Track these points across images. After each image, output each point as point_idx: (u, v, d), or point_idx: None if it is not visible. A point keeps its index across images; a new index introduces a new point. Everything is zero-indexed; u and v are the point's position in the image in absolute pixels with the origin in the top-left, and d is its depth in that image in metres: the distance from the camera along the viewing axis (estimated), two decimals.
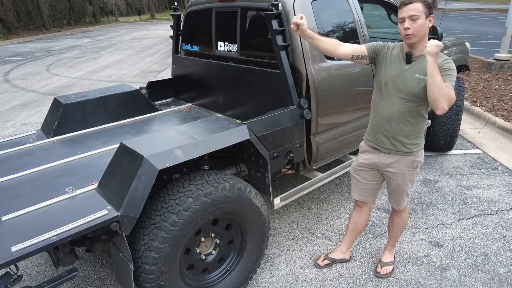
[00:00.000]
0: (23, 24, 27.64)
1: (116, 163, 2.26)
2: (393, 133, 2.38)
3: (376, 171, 2.59)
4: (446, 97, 2.05)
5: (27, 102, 8.09)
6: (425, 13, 2.15)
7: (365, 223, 2.88)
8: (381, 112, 2.40)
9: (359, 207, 2.81)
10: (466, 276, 2.81)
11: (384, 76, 2.36)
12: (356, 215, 2.84)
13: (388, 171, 2.51)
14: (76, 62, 13.21)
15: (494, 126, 5.54)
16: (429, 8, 2.18)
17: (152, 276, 2.13)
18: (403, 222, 2.77)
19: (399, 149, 2.40)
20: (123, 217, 2.00)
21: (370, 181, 2.65)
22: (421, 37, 2.20)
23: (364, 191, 2.70)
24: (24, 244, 1.77)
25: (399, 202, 2.65)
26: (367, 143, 2.57)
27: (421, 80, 2.21)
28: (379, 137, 2.45)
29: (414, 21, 2.15)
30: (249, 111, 3.28)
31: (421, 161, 2.48)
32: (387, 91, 2.35)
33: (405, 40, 2.25)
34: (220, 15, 3.54)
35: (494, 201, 3.74)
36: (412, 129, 2.35)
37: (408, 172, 2.47)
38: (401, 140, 2.38)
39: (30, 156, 2.94)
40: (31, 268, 3.05)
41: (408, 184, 2.53)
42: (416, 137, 2.39)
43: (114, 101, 3.69)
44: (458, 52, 4.47)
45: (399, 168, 2.46)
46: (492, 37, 14.13)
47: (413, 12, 2.14)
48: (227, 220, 2.53)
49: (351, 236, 2.93)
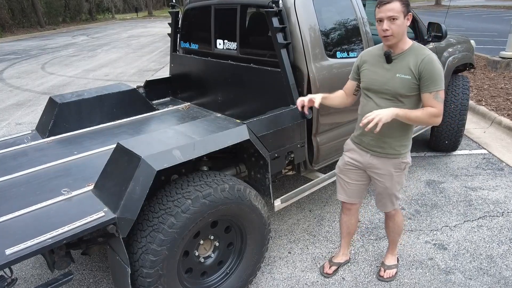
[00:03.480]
0: (17, 22, 27.58)
1: (113, 164, 2.23)
2: (381, 135, 2.33)
3: (363, 171, 2.54)
4: (430, 118, 2.16)
5: (21, 102, 8.05)
6: (403, 12, 2.10)
7: (356, 223, 2.86)
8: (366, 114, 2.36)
9: (348, 209, 2.76)
10: (471, 279, 2.76)
11: (368, 79, 2.33)
12: (346, 219, 2.81)
13: (374, 172, 2.46)
14: (72, 61, 13.17)
15: (500, 126, 5.47)
16: (407, 6, 2.13)
17: (150, 279, 2.11)
18: (398, 225, 2.72)
19: (387, 151, 2.36)
20: (120, 219, 1.97)
21: (357, 181, 2.59)
22: (400, 37, 2.17)
23: (351, 192, 2.65)
24: (19, 247, 1.75)
25: (386, 205, 2.58)
26: (354, 142, 2.53)
27: (403, 79, 2.18)
28: (367, 139, 2.41)
29: (393, 22, 2.10)
30: (249, 110, 3.25)
31: (408, 163, 2.43)
32: (372, 93, 2.32)
33: (384, 42, 2.21)
34: (219, 12, 3.50)
35: (500, 203, 3.70)
36: (399, 130, 2.31)
37: (396, 174, 2.42)
38: (389, 142, 2.34)
39: (25, 156, 2.91)
40: (26, 272, 3.01)
41: (397, 187, 2.48)
42: (404, 138, 2.36)
43: (111, 101, 3.67)
44: (463, 50, 4.44)
45: (386, 170, 2.41)
46: (497, 35, 14.03)
47: (392, 12, 2.08)
48: (226, 222, 2.50)
49: (348, 238, 2.91)
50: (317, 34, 2.92)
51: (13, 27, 26.18)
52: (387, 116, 2.08)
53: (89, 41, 19.46)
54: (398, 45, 2.20)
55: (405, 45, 2.22)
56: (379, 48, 2.35)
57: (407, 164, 2.42)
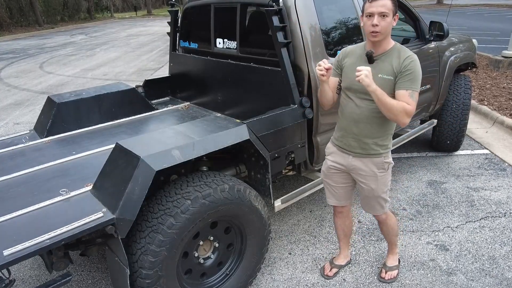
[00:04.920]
0: (15, 21, 27.45)
1: (112, 164, 2.22)
2: (362, 135, 2.32)
3: (347, 174, 2.52)
4: (401, 113, 2.10)
5: (19, 101, 8.02)
6: (393, 11, 2.11)
7: (351, 224, 2.85)
8: (348, 115, 2.35)
9: (340, 213, 2.75)
10: (473, 280, 2.74)
11: (347, 79, 2.31)
12: (340, 222, 2.79)
13: (359, 174, 2.44)
14: (70, 60, 13.13)
15: (502, 126, 5.44)
16: (396, 6, 2.14)
17: (149, 280, 2.10)
18: (392, 228, 2.70)
19: (368, 152, 2.35)
20: (118, 220, 1.96)
21: (343, 184, 2.57)
22: (386, 35, 2.16)
23: (339, 195, 2.63)
24: (17, 247, 1.74)
25: (375, 208, 2.55)
26: (335, 145, 2.50)
27: (385, 80, 2.17)
28: (348, 141, 2.39)
29: (383, 19, 2.09)
30: (249, 110, 3.23)
31: (391, 163, 2.42)
32: (352, 93, 2.30)
33: (371, 38, 2.18)
34: (219, 11, 3.48)
35: (502, 203, 3.67)
36: (380, 130, 2.30)
37: (380, 174, 2.40)
38: (369, 142, 2.32)
39: (23, 157, 2.90)
40: (24, 273, 2.99)
41: (383, 188, 2.45)
42: (385, 138, 2.34)
43: (110, 100, 3.66)
44: (465, 49, 4.42)
45: (370, 170, 2.39)
46: (500, 34, 13.96)
47: (383, 9, 2.07)
48: (226, 223, 2.49)
49: (346, 240, 2.89)
50: (318, 33, 2.90)
51: (11, 26, 26.08)
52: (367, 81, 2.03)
53: (87, 40, 19.42)
54: (381, 44, 2.19)
55: (388, 45, 2.21)
56: (361, 47, 2.33)
57: (390, 164, 2.41)
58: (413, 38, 3.93)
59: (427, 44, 3.86)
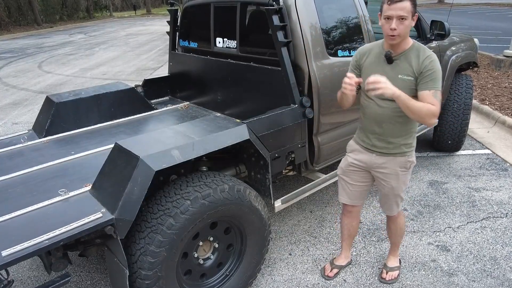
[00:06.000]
0: (14, 20, 27.33)
1: (111, 164, 2.21)
2: (385, 135, 2.31)
3: (366, 173, 2.50)
4: (427, 115, 2.06)
5: (18, 101, 7.99)
6: (412, 12, 2.06)
7: (358, 225, 2.82)
8: (370, 116, 2.33)
9: (349, 212, 2.72)
10: (474, 281, 2.73)
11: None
12: (347, 221, 2.76)
13: (380, 172, 2.42)
14: (69, 59, 13.09)
15: (504, 126, 5.42)
16: (415, 6, 2.09)
17: (148, 281, 2.09)
18: (400, 228, 2.69)
19: (392, 150, 2.33)
20: (118, 220, 1.96)
21: (360, 182, 2.55)
22: (405, 37, 2.13)
23: (353, 193, 2.61)
24: (15, 248, 1.73)
25: (393, 207, 2.55)
26: (358, 143, 2.49)
27: (405, 81, 2.14)
28: (372, 141, 2.38)
29: (401, 22, 2.05)
30: (249, 110, 3.22)
31: (414, 162, 2.40)
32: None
33: (389, 41, 2.15)
34: (218, 10, 3.46)
35: (504, 204, 3.66)
36: (404, 129, 2.28)
37: (402, 173, 2.38)
38: (393, 141, 2.31)
39: (21, 157, 2.89)
40: (23, 273, 2.98)
41: (402, 187, 2.44)
42: (409, 137, 2.33)
43: (109, 100, 3.64)
44: (466, 49, 4.41)
45: (392, 169, 2.37)
46: (501, 33, 13.95)
47: (403, 12, 2.02)
48: (226, 223, 2.48)
49: (349, 241, 2.87)
50: (318, 32, 2.89)
51: (9, 25, 26.00)
52: (389, 91, 1.99)
53: (86, 39, 19.38)
54: (400, 44, 2.16)
55: (407, 45, 2.18)
56: (378, 46, 2.29)
57: (412, 163, 2.39)
58: (414, 37, 3.90)
59: (428, 44, 3.84)
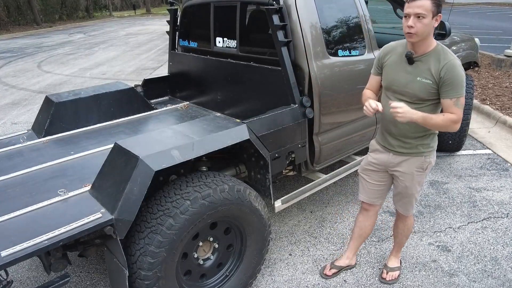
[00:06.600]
0: (13, 19, 27.23)
1: (110, 164, 2.20)
2: (401, 135, 2.31)
3: (385, 173, 2.51)
4: (449, 126, 2.12)
5: (17, 101, 7.97)
6: (432, 12, 2.02)
7: (371, 228, 2.77)
8: (387, 115, 2.32)
9: (366, 210, 2.70)
10: (475, 282, 2.72)
11: (389, 78, 2.29)
12: (362, 219, 2.74)
13: (396, 171, 2.42)
14: (69, 59, 13.06)
15: (505, 126, 5.41)
16: (438, 6, 2.04)
17: (148, 282, 2.08)
18: (408, 228, 2.69)
19: (409, 150, 2.33)
20: (117, 221, 1.95)
21: (378, 182, 2.55)
22: (425, 36, 2.09)
23: (371, 192, 2.60)
24: (14, 248, 1.73)
25: (407, 207, 2.54)
26: (378, 143, 2.50)
27: (423, 83, 2.13)
28: (389, 139, 2.39)
29: (419, 20, 2.02)
30: (249, 109, 3.21)
31: (431, 163, 2.39)
32: (390, 93, 2.29)
33: (407, 38, 2.14)
34: (218, 10, 3.46)
35: (504, 204, 3.66)
36: (420, 130, 2.26)
37: (417, 173, 2.38)
38: (409, 141, 2.31)
39: (21, 157, 2.88)
40: (22, 274, 2.97)
41: (417, 187, 2.44)
42: (426, 137, 2.31)
43: (108, 100, 3.63)
44: (467, 48, 4.40)
45: (408, 168, 2.37)
46: (502, 33, 13.96)
47: (420, 10, 2.00)
48: (226, 223, 2.47)
49: (357, 242, 2.82)
50: (319, 32, 2.88)
51: (8, 24, 25.93)
52: (408, 117, 2.05)
53: (86, 39, 19.34)
54: (421, 45, 2.12)
55: (429, 47, 2.13)
56: (402, 45, 2.27)
57: (430, 164, 2.38)
58: None
59: None
